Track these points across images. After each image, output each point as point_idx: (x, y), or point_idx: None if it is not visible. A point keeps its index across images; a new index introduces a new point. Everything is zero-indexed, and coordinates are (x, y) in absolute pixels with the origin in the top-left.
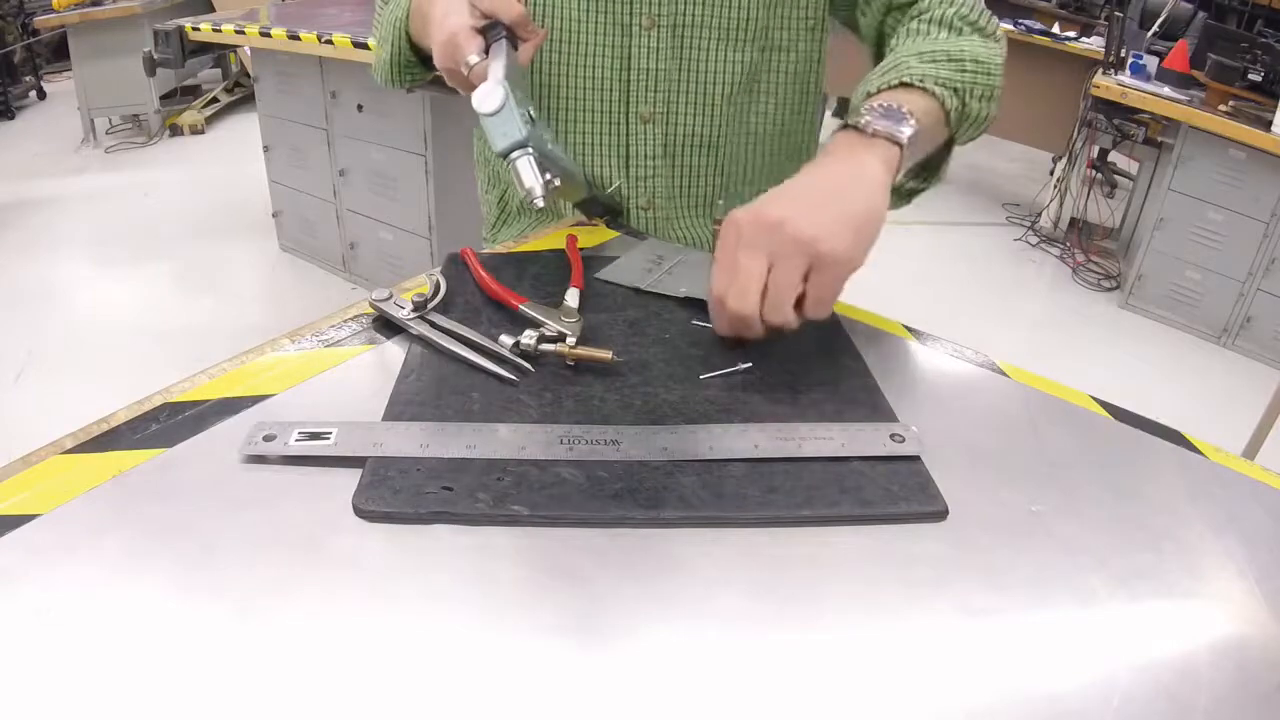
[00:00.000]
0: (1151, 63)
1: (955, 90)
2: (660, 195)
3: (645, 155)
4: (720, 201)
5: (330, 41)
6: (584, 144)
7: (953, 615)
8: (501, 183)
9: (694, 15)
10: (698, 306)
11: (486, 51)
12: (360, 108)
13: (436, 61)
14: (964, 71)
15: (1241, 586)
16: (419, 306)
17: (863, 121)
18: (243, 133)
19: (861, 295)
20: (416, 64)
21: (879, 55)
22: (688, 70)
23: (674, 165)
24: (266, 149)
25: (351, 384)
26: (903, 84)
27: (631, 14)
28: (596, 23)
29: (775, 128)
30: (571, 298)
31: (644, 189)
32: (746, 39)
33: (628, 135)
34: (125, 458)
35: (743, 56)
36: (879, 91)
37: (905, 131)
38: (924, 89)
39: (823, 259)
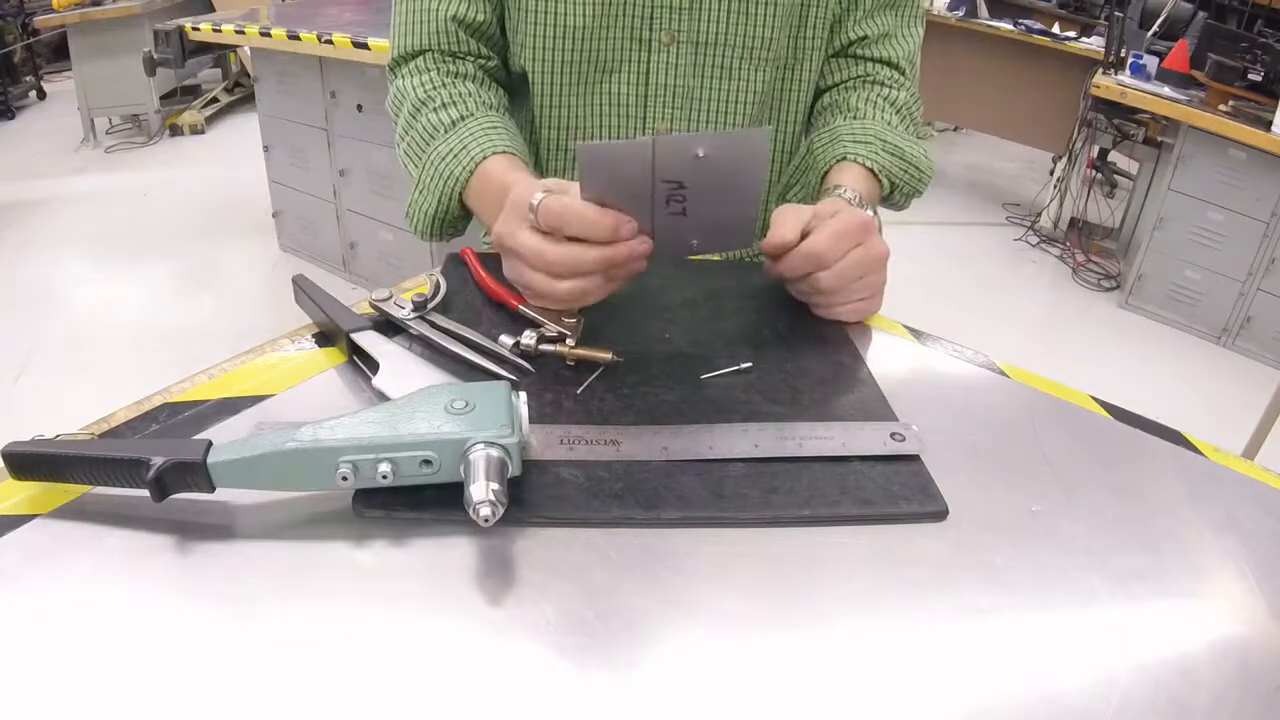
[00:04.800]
0: (1151, 63)
1: (894, 184)
2: None
3: None
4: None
5: (330, 41)
6: None
7: (953, 615)
8: None
9: (716, 33)
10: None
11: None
12: (360, 108)
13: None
14: (905, 170)
15: (1241, 586)
16: (419, 306)
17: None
18: (243, 133)
19: None
20: (461, 218)
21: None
22: (708, 87)
23: None
24: (266, 149)
25: (351, 384)
26: (857, 163)
27: (651, 29)
28: (616, 37)
29: (789, 146)
30: None
31: None
32: (768, 58)
33: None
34: None
35: (764, 75)
36: (841, 162)
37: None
38: (873, 174)
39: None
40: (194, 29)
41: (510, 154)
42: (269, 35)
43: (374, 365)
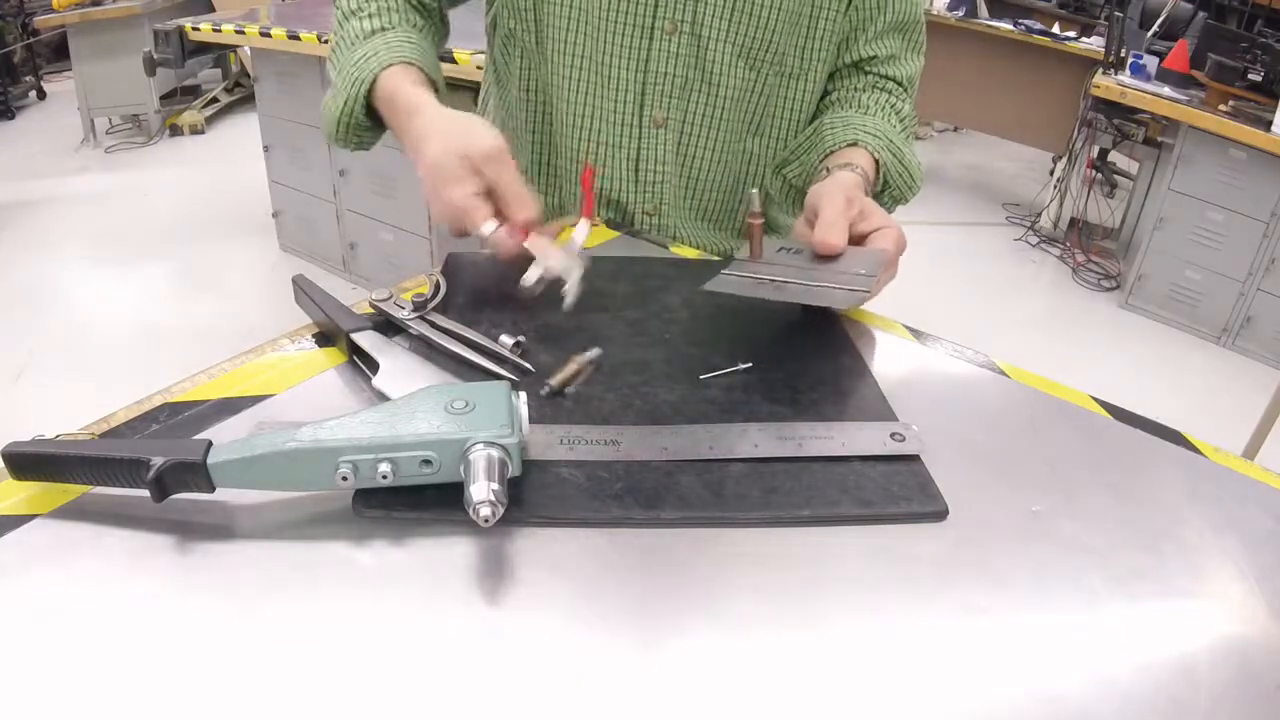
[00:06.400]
0: (1151, 63)
1: (887, 183)
2: (667, 202)
3: (655, 160)
4: (753, 191)
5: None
6: (595, 144)
7: (953, 615)
8: None
9: (715, 26)
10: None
11: (497, 214)
12: None
13: (439, 219)
14: (901, 174)
15: (1241, 586)
16: (419, 306)
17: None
18: (243, 133)
19: None
20: (369, 128)
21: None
22: (703, 79)
23: (683, 173)
24: (266, 149)
25: (351, 384)
26: (867, 150)
27: (655, 17)
28: (619, 22)
29: (778, 148)
30: (581, 230)
31: (651, 194)
32: (767, 60)
33: (639, 138)
34: None
35: (761, 76)
36: (852, 146)
37: None
38: (876, 161)
39: None
40: (194, 29)
41: (413, 64)
42: (269, 35)
43: (374, 365)
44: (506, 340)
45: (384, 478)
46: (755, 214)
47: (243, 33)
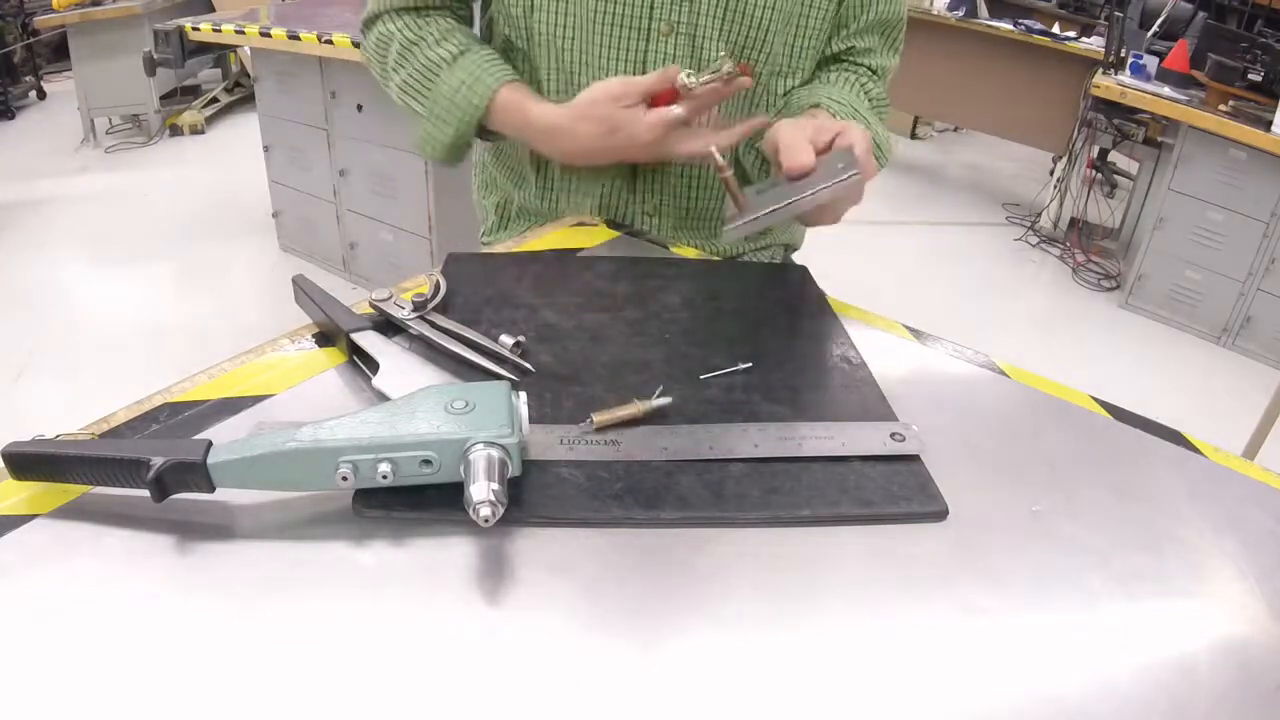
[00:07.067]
0: (1151, 63)
1: None
2: (666, 203)
3: None
4: (711, 148)
5: (330, 41)
6: None
7: (953, 615)
8: (499, 188)
9: (710, 26)
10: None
11: (664, 102)
12: (360, 108)
13: (651, 157)
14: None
15: (1241, 586)
16: (419, 306)
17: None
18: (243, 133)
19: (862, 295)
20: (468, 144)
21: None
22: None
23: (681, 172)
24: (266, 149)
25: (351, 384)
26: (828, 113)
27: (650, 19)
28: (615, 25)
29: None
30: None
31: (650, 195)
32: (757, 58)
33: None
34: None
35: (751, 74)
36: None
37: None
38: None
39: None
40: (194, 29)
41: (518, 81)
42: (269, 35)
43: (374, 365)
44: (506, 340)
45: (384, 478)
46: (721, 167)
47: (243, 33)
